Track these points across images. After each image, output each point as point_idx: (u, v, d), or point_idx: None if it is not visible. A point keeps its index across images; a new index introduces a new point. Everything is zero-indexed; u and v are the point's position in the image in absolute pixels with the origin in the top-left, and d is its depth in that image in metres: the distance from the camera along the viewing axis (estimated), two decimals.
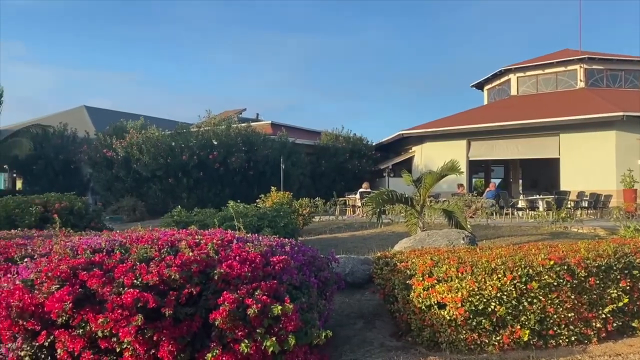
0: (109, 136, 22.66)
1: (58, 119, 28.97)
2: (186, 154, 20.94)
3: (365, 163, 26.75)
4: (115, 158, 21.86)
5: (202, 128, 22.73)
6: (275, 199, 12.89)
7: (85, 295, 3.55)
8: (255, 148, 22.14)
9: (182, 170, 21.03)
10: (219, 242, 4.42)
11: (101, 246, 4.21)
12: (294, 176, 22.71)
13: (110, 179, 22.44)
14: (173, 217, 9.38)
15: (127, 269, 3.71)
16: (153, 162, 20.91)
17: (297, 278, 4.35)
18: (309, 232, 12.63)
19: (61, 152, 25.62)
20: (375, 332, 5.62)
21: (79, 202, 11.12)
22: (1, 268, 4.10)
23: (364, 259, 7.36)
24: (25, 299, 3.45)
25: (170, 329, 3.57)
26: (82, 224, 10.38)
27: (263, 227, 8.70)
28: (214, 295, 3.77)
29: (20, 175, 29.04)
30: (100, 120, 29.66)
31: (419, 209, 8.83)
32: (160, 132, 22.17)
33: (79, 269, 3.68)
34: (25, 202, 10.84)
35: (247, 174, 22.03)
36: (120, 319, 3.36)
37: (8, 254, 4.44)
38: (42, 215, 10.41)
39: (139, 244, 4.25)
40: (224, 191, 21.15)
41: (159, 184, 21.33)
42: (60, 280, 3.57)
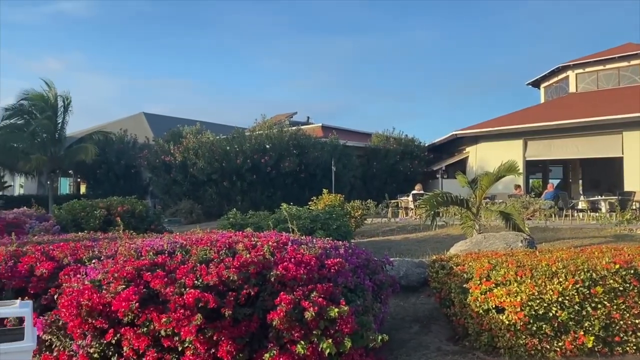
0: (167, 142, 23.42)
1: (119, 125, 30.20)
2: (240, 157, 21.36)
3: (417, 164, 26.42)
4: (173, 162, 22.58)
5: (255, 132, 23.13)
6: (327, 202, 12.95)
7: (149, 295, 3.69)
8: (306, 151, 22.31)
9: (236, 173, 21.46)
10: (274, 244, 4.49)
11: (163, 248, 4.38)
12: (344, 178, 22.73)
13: (168, 182, 23.19)
14: (229, 220, 9.60)
15: (188, 270, 3.83)
16: (208, 166, 21.45)
17: (352, 281, 4.37)
18: (361, 234, 12.61)
19: (122, 157, 26.67)
20: (432, 336, 5.56)
21: (140, 205, 11.56)
22: (71, 269, 4.33)
23: (418, 262, 7.29)
24: (94, 299, 3.63)
25: (229, 329, 3.67)
26: (143, 226, 10.79)
27: (316, 230, 8.76)
28: (270, 297, 3.84)
29: (84, 179, 30.44)
30: (158, 125, 30.70)
31: (475, 211, 8.66)
32: (215, 137, 22.71)
33: (143, 270, 3.84)
34: (90, 205, 11.38)
35: (299, 176, 22.23)
36: (182, 318, 3.48)
37: (77, 255, 4.67)
38: (106, 218, 10.90)
39: (199, 246, 4.38)
40: (276, 194, 21.43)
41: (215, 187, 21.85)
42: (126, 281, 3.73)
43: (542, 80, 29.30)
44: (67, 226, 10.85)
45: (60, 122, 25.93)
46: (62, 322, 3.77)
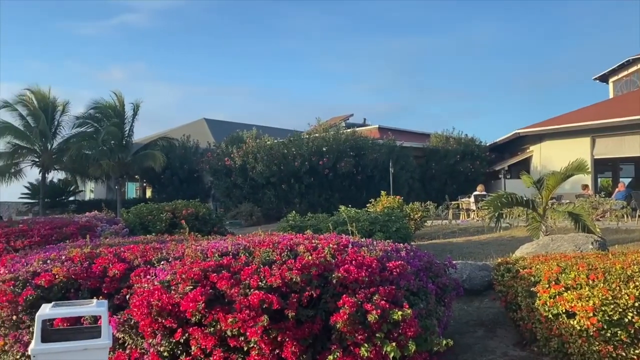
0: (228, 146, 24.01)
1: (181, 131, 31.24)
2: (298, 160, 21.59)
3: (478, 165, 25.77)
4: (233, 166, 23.12)
5: (312, 135, 23.32)
6: (386, 204, 12.85)
7: (215, 295, 3.79)
8: (363, 153, 22.26)
9: (294, 176, 21.71)
10: (335, 246, 4.50)
11: (227, 250, 4.48)
12: (402, 180, 22.50)
13: (229, 186, 23.76)
14: (288, 222, 9.71)
15: (252, 271, 3.91)
16: (267, 170, 21.82)
17: (415, 284, 4.32)
18: (421, 237, 12.44)
19: (185, 162, 27.57)
20: (497, 341, 5.41)
21: (203, 208, 11.89)
22: (142, 270, 4.50)
23: (482, 265, 7.11)
24: (163, 299, 3.76)
25: (293, 330, 3.71)
26: (206, 228, 11.08)
27: (375, 232, 8.72)
28: (332, 299, 3.86)
29: (149, 184, 31.69)
30: (219, 131, 31.53)
31: (541, 212, 8.35)
32: (274, 141, 23.08)
33: (209, 271, 3.95)
34: (156, 209, 11.81)
35: (356, 178, 22.20)
36: (247, 319, 3.55)
37: (147, 257, 4.86)
38: (171, 221, 11.27)
39: (261, 248, 4.45)
40: (334, 196, 21.51)
41: (273, 190, 22.19)
42: (193, 282, 3.85)
43: (611, 75, 27.90)
44: (135, 229, 11.31)
45: (128, 129, 27.17)
46: (134, 321, 3.93)
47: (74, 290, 4.53)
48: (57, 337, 3.15)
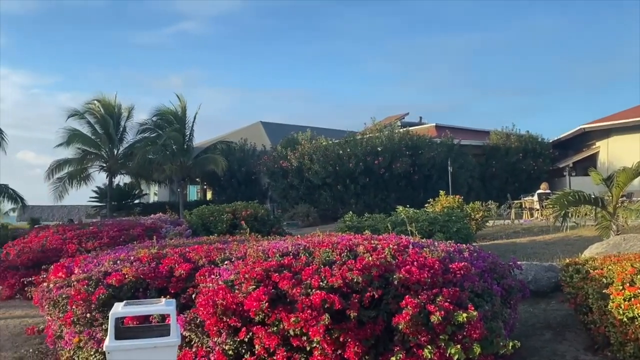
0: (284, 148, 24.31)
1: (239, 135, 31.91)
2: (353, 161, 21.56)
3: (541, 163, 24.82)
4: (289, 168, 23.38)
5: (367, 135, 23.23)
6: (445, 203, 12.61)
7: (277, 295, 3.84)
8: (420, 152, 21.95)
9: (349, 177, 21.69)
10: (395, 247, 4.46)
11: (288, 250, 4.53)
12: (461, 179, 22.00)
13: (285, 187, 24.05)
14: (345, 223, 9.71)
15: (312, 271, 3.93)
16: (323, 170, 21.91)
17: (479, 285, 4.21)
18: (482, 237, 12.12)
19: (243, 165, 28.13)
20: (567, 345, 5.19)
21: (262, 209, 12.11)
22: (206, 270, 4.62)
23: (548, 266, 6.86)
24: (228, 298, 3.84)
25: (355, 330, 3.70)
26: (265, 229, 11.27)
27: (435, 232, 8.57)
28: (394, 300, 3.82)
29: (210, 186, 32.55)
30: (275, 133, 31.97)
31: (611, 210, 7.95)
32: (329, 142, 23.15)
33: (271, 271, 4.00)
34: (217, 210, 12.12)
35: (412, 178, 21.92)
36: (309, 318, 3.57)
37: (211, 257, 4.99)
38: (232, 222, 11.55)
39: (321, 248, 4.47)
40: (390, 196, 21.33)
41: (329, 190, 22.26)
42: (256, 281, 3.91)
43: None
44: (198, 230, 11.65)
45: (188, 133, 28.03)
46: (200, 320, 4.04)
47: (142, 289, 4.70)
48: (129, 335, 3.29)
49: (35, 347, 5.80)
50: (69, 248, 9.33)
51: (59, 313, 4.77)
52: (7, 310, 8.48)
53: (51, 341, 5.19)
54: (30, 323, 7.11)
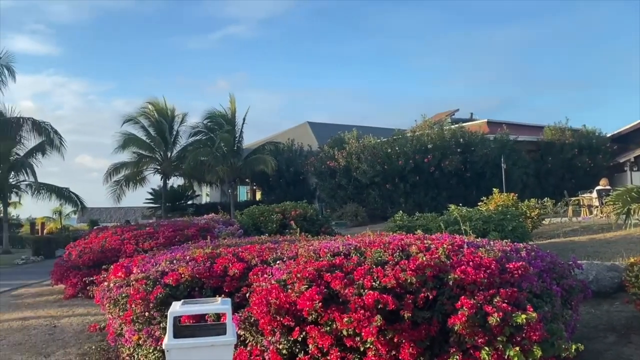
0: (331, 148, 24.34)
1: (286, 135, 32.21)
2: (402, 159, 21.33)
3: (600, 158, 23.80)
4: (337, 167, 23.38)
5: (416, 133, 22.93)
6: (499, 201, 12.27)
7: (330, 295, 3.83)
8: (472, 149, 21.48)
9: (398, 175, 21.48)
10: (449, 246, 4.37)
11: (339, 250, 4.51)
12: (515, 176, 21.36)
13: (333, 187, 24.08)
14: (396, 222, 9.61)
15: (364, 271, 3.90)
16: (371, 170, 21.79)
17: (538, 285, 4.06)
18: (539, 235, 11.74)
19: (291, 165, 28.37)
20: (633, 348, 4.95)
21: (311, 209, 12.16)
22: (259, 269, 4.67)
23: (610, 265, 6.56)
24: (281, 297, 3.87)
25: (409, 331, 3.65)
26: (314, 229, 11.30)
27: (489, 231, 8.35)
28: (449, 300, 3.74)
29: (259, 187, 33.01)
30: (322, 133, 32.07)
31: None
32: (376, 140, 23.00)
33: (323, 270, 4.00)
34: (267, 210, 12.26)
35: (464, 176, 21.48)
36: (362, 319, 3.54)
37: (263, 256, 5.04)
38: (281, 222, 11.66)
39: (372, 248, 4.44)
40: (441, 195, 20.98)
41: (378, 190, 22.12)
42: (308, 281, 3.92)
43: None
44: (249, 229, 11.83)
45: (238, 135, 28.52)
46: (254, 319, 4.08)
47: (198, 288, 4.80)
48: (186, 333, 3.36)
49: (97, 344, 6.03)
50: (126, 248, 9.66)
51: (119, 311, 4.94)
52: (71, 309, 8.87)
53: (112, 339, 5.38)
54: (92, 321, 7.40)
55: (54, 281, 11.04)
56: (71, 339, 6.71)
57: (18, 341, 6.74)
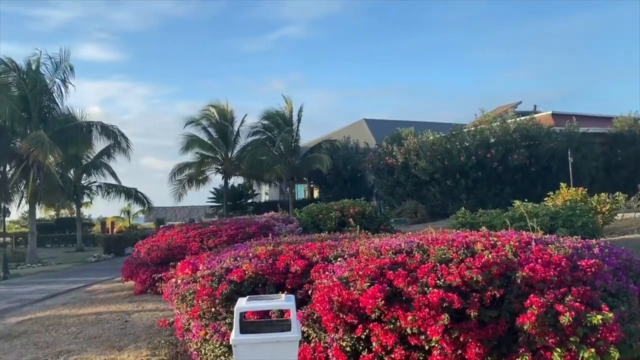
0: (389, 144, 24.13)
1: (342, 133, 32.22)
2: (463, 154, 20.85)
3: None
4: (395, 164, 23.16)
5: (477, 127, 22.34)
6: (567, 196, 11.75)
7: (392, 293, 3.80)
8: (537, 142, 20.70)
9: (459, 171, 21.02)
10: (516, 243, 4.22)
11: (401, 247, 4.46)
12: (584, 170, 20.41)
13: (391, 184, 23.87)
14: (458, 219, 9.41)
15: (428, 269, 3.84)
16: (430, 166, 21.44)
17: (612, 284, 3.85)
18: (610, 232, 11.18)
19: (348, 163, 28.38)
20: None
21: (369, 207, 12.12)
22: (320, 266, 4.70)
23: None
24: (343, 295, 3.87)
25: (475, 330, 3.56)
26: (373, 226, 11.25)
27: (557, 227, 8.02)
28: (517, 299, 3.62)
29: (316, 185, 33.24)
30: (378, 130, 31.85)
31: None
32: (435, 136, 22.59)
33: (385, 268, 3.97)
34: (326, 208, 12.32)
35: (529, 170, 20.73)
36: (427, 317, 3.49)
37: (324, 254, 5.06)
38: (340, 220, 11.68)
39: (435, 245, 4.35)
40: (504, 190, 20.35)
41: (437, 186, 21.74)
42: (370, 279, 3.90)
43: None
44: (308, 227, 11.93)
45: (295, 134, 28.84)
46: (317, 316, 4.10)
47: (261, 285, 4.89)
48: (252, 329, 3.42)
49: (166, 338, 6.26)
50: (192, 246, 9.98)
51: (187, 307, 5.10)
52: (140, 304, 9.27)
53: (180, 333, 5.57)
54: (161, 316, 7.71)
55: (124, 278, 11.57)
56: (142, 333, 7.00)
57: (93, 335, 7.11)
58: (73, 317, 8.47)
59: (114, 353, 6.07)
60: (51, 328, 7.70)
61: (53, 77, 20.86)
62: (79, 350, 6.28)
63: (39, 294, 11.53)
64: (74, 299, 10.70)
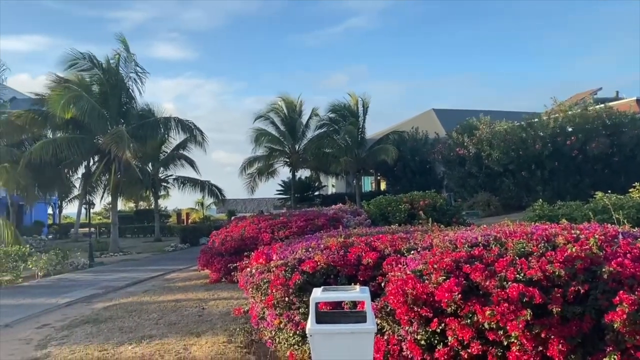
0: (460, 134, 23.51)
1: (410, 124, 31.71)
2: (538, 144, 19.97)
3: None
4: (466, 155, 22.54)
5: (554, 115, 21.30)
6: None
7: (469, 287, 3.71)
8: (621, 130, 19.49)
9: (535, 161, 20.16)
10: (601, 237, 4.02)
11: (477, 240, 4.35)
12: None
13: (463, 175, 23.26)
14: (535, 211, 9.05)
15: (507, 263, 3.72)
16: (504, 156, 20.70)
17: None
18: None
19: (416, 154, 27.92)
20: None
21: (440, 199, 11.90)
22: (392, 259, 4.67)
23: None
24: (418, 288, 3.82)
25: (557, 327, 3.43)
26: (444, 219, 11.02)
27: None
28: (604, 295, 3.45)
29: (383, 177, 32.98)
30: (448, 120, 31.07)
31: None
32: (509, 125, 21.77)
33: (461, 262, 3.88)
34: (395, 201, 12.21)
35: (610, 160, 19.57)
36: (506, 312, 3.38)
37: (396, 246, 5.03)
38: (410, 212, 11.54)
39: (514, 239, 4.21)
40: (583, 181, 19.35)
41: (512, 177, 20.96)
42: (446, 272, 3.83)
43: None
44: (376, 219, 11.88)
45: (361, 126, 28.73)
46: (390, 308, 4.08)
47: (333, 276, 4.93)
48: (326, 319, 3.45)
49: (241, 326, 6.46)
50: (263, 237, 10.22)
51: (261, 296, 5.23)
52: (215, 292, 9.62)
53: (255, 322, 5.72)
54: (235, 304, 7.96)
55: (200, 267, 12.03)
56: (218, 320, 7.27)
57: (172, 321, 7.46)
58: (154, 304, 8.92)
59: (192, 339, 6.34)
60: (134, 314, 8.14)
61: (128, 73, 21.92)
62: (160, 336, 6.60)
63: (122, 282, 12.22)
64: (154, 286, 11.25)
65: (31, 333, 7.31)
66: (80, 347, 6.25)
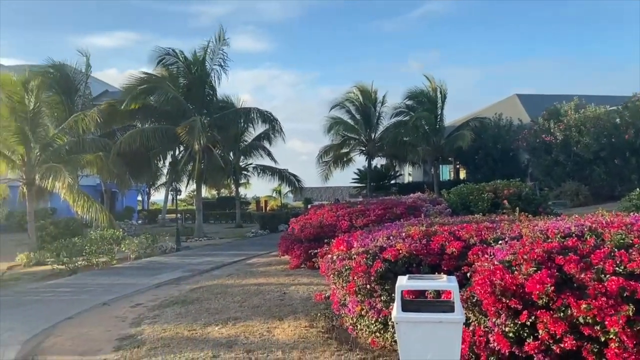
0: (546, 120, 22.38)
1: (492, 110, 30.53)
2: (632, 130, 18.62)
3: None
4: (553, 142, 21.45)
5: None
6: None
7: (562, 279, 3.55)
8: None
9: (629, 148, 18.83)
10: None
11: (570, 230, 4.15)
12: None
13: (549, 163, 22.16)
14: (631, 201, 8.47)
15: (604, 255, 3.53)
16: (595, 143, 19.51)
17: None
18: None
19: (498, 141, 26.90)
20: None
21: (526, 188, 11.42)
22: (478, 249, 4.54)
23: None
24: (506, 279, 3.70)
25: None
26: (530, 209, 10.54)
27: None
28: None
29: (463, 165, 32.09)
30: (533, 106, 29.61)
31: None
32: (602, 109, 20.43)
33: (553, 253, 3.72)
34: (477, 189, 11.85)
35: None
36: (604, 307, 3.21)
37: (482, 236, 4.88)
38: (493, 201, 11.15)
39: (611, 230, 3.98)
40: None
41: (603, 165, 19.72)
42: (536, 263, 3.68)
43: None
44: (457, 209, 11.59)
45: (439, 113, 28.05)
46: (477, 299, 3.98)
47: (415, 264, 4.87)
48: (412, 308, 3.42)
49: (322, 311, 6.55)
50: (341, 225, 10.28)
51: (343, 283, 5.27)
52: (296, 278, 9.81)
53: (336, 308, 5.79)
54: (315, 290, 8.08)
55: (281, 252, 12.32)
56: (299, 305, 7.41)
57: (256, 304, 7.70)
58: (237, 287, 9.24)
59: (275, 322, 6.51)
60: (219, 296, 8.48)
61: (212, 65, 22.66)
62: (245, 318, 6.83)
63: (207, 265, 12.76)
64: (237, 270, 11.66)
65: (126, 311, 7.82)
66: (171, 327, 6.60)
